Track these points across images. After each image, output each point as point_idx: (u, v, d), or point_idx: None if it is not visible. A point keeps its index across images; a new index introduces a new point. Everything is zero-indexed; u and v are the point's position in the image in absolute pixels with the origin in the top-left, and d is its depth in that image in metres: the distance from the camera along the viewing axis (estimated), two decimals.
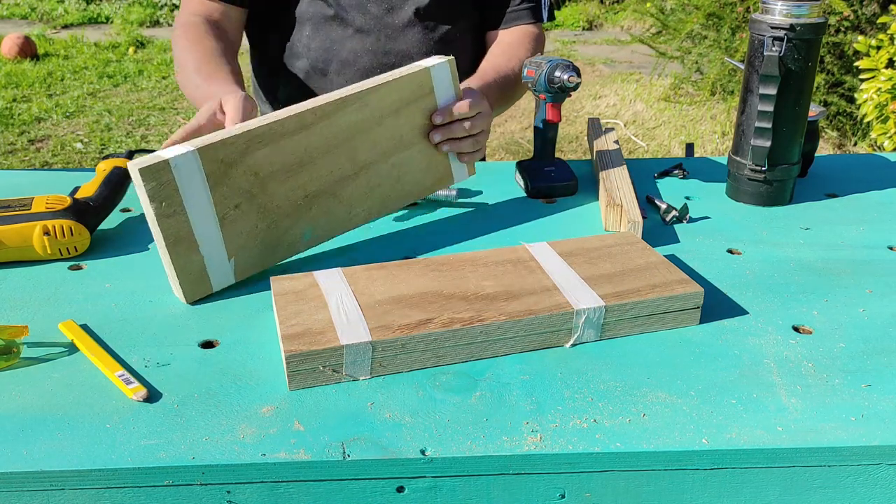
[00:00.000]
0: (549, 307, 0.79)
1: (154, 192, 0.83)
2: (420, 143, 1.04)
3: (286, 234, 0.94)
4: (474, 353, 0.77)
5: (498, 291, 0.81)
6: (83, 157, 4.18)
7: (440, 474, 0.65)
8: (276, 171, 0.91)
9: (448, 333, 0.75)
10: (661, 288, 0.82)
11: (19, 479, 0.62)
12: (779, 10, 1.05)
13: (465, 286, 0.83)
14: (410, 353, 0.75)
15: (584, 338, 0.80)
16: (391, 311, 0.78)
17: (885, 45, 3.20)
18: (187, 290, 0.87)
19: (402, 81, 0.99)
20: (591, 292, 0.81)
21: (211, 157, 0.86)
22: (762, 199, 1.14)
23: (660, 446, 0.65)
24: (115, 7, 8.52)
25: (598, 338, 0.80)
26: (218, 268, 0.89)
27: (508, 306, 0.79)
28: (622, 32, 7.50)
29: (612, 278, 0.84)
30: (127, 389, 0.71)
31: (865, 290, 0.90)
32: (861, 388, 0.72)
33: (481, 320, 0.76)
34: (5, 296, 0.89)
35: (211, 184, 0.86)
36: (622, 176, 1.14)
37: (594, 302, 0.80)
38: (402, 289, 0.82)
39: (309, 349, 0.72)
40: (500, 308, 0.78)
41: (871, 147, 3.82)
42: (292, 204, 0.94)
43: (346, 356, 0.73)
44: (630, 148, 4.29)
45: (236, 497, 0.64)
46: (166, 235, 0.85)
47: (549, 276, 0.85)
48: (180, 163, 0.83)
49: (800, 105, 1.09)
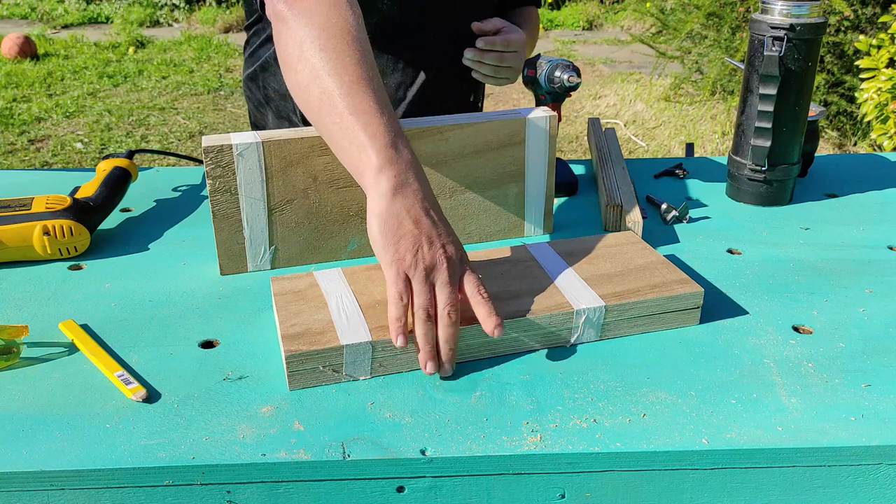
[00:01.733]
0: (548, 307, 0.78)
1: (212, 169, 0.89)
2: (496, 188, 1.00)
3: (331, 239, 0.97)
4: (474, 353, 0.77)
5: (497, 292, 0.81)
6: (83, 157, 4.18)
7: (440, 474, 0.65)
8: (334, 180, 0.93)
9: None
10: (661, 288, 0.82)
11: (19, 479, 0.62)
12: (779, 10, 1.05)
13: None
14: (411, 353, 0.75)
15: (583, 338, 0.80)
16: None
17: (885, 44, 3.20)
18: (224, 263, 0.94)
19: (493, 125, 0.97)
20: (591, 292, 0.81)
21: (273, 152, 0.90)
22: (762, 199, 1.14)
23: (660, 446, 0.65)
24: (115, 7, 8.53)
25: (598, 338, 0.80)
26: (257, 252, 0.94)
27: (508, 307, 0.79)
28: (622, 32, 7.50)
29: (611, 278, 0.84)
30: (126, 390, 0.71)
31: (865, 290, 0.90)
32: (861, 388, 0.72)
33: None
34: (5, 296, 0.89)
35: (267, 175, 0.91)
36: (622, 176, 1.14)
37: (594, 302, 0.79)
38: None
39: (309, 349, 0.72)
40: (500, 308, 0.78)
41: (871, 147, 3.82)
42: (344, 213, 0.95)
43: (346, 356, 0.73)
44: (630, 148, 4.29)
45: (236, 497, 0.64)
46: (215, 210, 0.91)
47: (549, 276, 0.85)
48: (244, 150, 0.89)
49: (800, 105, 1.09)
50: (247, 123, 4.73)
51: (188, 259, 0.98)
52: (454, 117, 0.97)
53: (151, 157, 3.89)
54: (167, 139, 4.46)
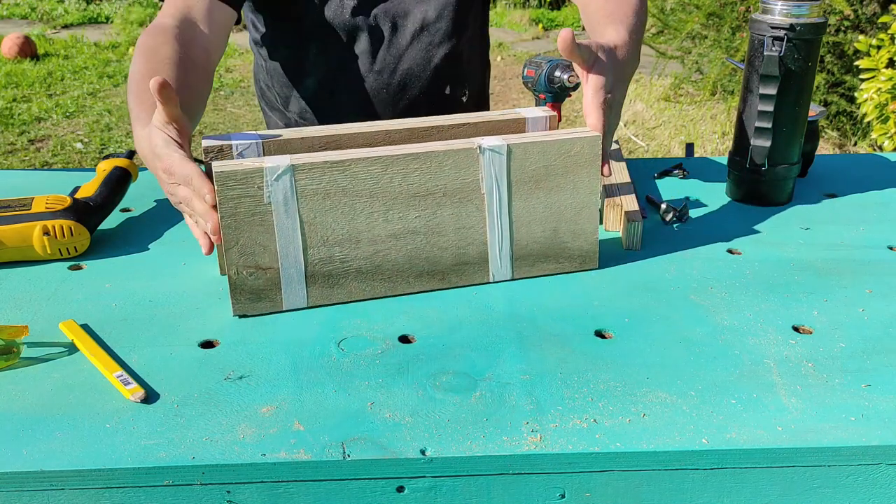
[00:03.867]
0: (452, 146, 0.86)
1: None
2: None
3: None
4: (387, 192, 0.84)
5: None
6: (83, 157, 4.18)
7: (440, 474, 0.65)
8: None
9: (361, 162, 0.83)
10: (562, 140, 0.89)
11: (19, 479, 0.62)
12: (779, 9, 1.05)
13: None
14: (328, 180, 0.82)
15: (493, 197, 0.87)
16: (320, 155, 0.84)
17: (885, 44, 3.20)
18: (223, 263, 0.90)
19: (493, 125, 0.95)
20: (500, 139, 0.88)
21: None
22: (762, 199, 1.14)
23: (660, 446, 0.65)
24: (115, 7, 8.53)
25: (508, 202, 0.88)
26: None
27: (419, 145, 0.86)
28: None
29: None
30: (125, 390, 0.71)
31: (865, 290, 0.90)
32: (861, 388, 0.72)
33: (389, 153, 0.84)
34: (5, 296, 0.89)
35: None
36: (622, 176, 1.14)
37: (499, 141, 0.86)
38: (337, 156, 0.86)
39: (233, 169, 0.79)
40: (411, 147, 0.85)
41: (871, 147, 3.82)
42: None
43: (267, 176, 0.80)
44: (630, 148, 4.29)
45: (236, 497, 0.64)
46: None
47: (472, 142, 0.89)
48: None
49: (800, 105, 1.09)
50: (247, 123, 4.73)
51: (188, 259, 0.98)
52: (453, 117, 0.97)
53: None
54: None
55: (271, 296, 0.85)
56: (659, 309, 0.86)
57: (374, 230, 0.86)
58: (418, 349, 0.79)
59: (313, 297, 0.87)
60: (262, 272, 0.84)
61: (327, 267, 0.86)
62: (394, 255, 0.88)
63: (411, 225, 0.87)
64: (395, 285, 0.89)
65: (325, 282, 0.87)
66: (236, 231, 0.82)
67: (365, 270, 0.88)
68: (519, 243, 0.92)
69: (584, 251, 0.95)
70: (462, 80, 1.36)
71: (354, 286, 0.88)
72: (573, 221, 0.93)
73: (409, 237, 0.88)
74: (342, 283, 0.87)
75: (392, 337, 0.81)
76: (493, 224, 0.90)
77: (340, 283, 0.87)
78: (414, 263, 0.89)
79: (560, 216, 0.92)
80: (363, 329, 0.83)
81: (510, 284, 0.92)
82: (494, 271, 0.92)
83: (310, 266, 0.85)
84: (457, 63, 1.31)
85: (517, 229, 0.91)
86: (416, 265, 0.89)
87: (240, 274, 0.84)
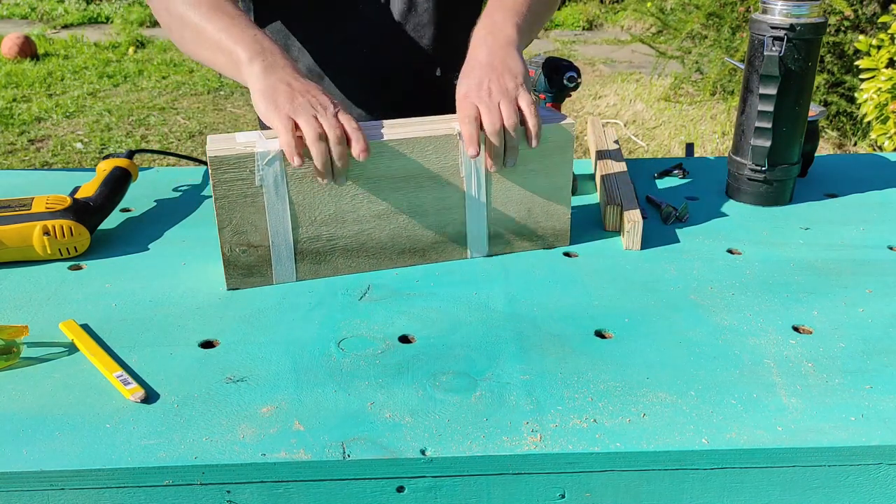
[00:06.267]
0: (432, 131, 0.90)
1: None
2: (496, 183, 0.96)
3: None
4: (369, 176, 0.89)
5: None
6: (83, 157, 4.18)
7: (440, 474, 0.65)
8: None
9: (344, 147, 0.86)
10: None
11: (19, 479, 0.62)
12: (779, 10, 1.05)
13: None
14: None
15: (471, 180, 0.92)
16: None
17: (885, 44, 3.20)
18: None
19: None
20: None
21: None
22: (762, 199, 1.14)
23: (660, 446, 0.65)
24: (115, 7, 8.53)
25: (486, 183, 0.93)
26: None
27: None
28: (622, 32, 7.50)
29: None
30: (125, 390, 0.71)
31: (865, 290, 0.90)
32: (861, 388, 0.72)
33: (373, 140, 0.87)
34: (5, 296, 0.89)
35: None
36: (622, 176, 1.14)
37: None
38: None
39: (227, 154, 0.83)
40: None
41: (871, 147, 3.82)
42: None
43: (258, 161, 0.84)
44: (630, 148, 4.29)
45: (236, 497, 0.64)
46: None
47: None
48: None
49: (800, 105, 1.09)
50: (247, 123, 4.73)
51: (188, 259, 0.98)
52: (453, 116, 0.97)
53: (151, 157, 3.89)
54: (167, 139, 4.46)
55: (262, 271, 0.91)
56: (659, 309, 0.86)
57: (359, 211, 0.92)
58: (418, 349, 0.79)
59: (302, 272, 0.93)
60: (254, 249, 0.90)
61: (315, 245, 0.92)
62: (378, 234, 0.94)
63: (394, 206, 0.93)
64: (379, 262, 0.96)
65: (313, 258, 0.93)
66: (230, 211, 0.87)
67: (351, 248, 0.94)
68: (495, 223, 0.98)
69: (556, 230, 1.01)
70: (454, 63, 1.36)
71: (341, 262, 0.94)
72: (546, 203, 0.99)
73: (392, 217, 0.94)
74: (329, 259, 0.93)
75: (392, 337, 0.81)
76: (471, 206, 0.96)
77: (327, 259, 0.93)
78: (396, 242, 0.95)
79: (534, 198, 0.98)
80: (363, 329, 0.83)
81: (510, 284, 0.92)
82: (472, 249, 0.99)
83: (299, 244, 0.91)
84: (446, 45, 1.31)
85: (493, 210, 0.97)
86: (399, 243, 0.96)
87: (233, 251, 0.89)
